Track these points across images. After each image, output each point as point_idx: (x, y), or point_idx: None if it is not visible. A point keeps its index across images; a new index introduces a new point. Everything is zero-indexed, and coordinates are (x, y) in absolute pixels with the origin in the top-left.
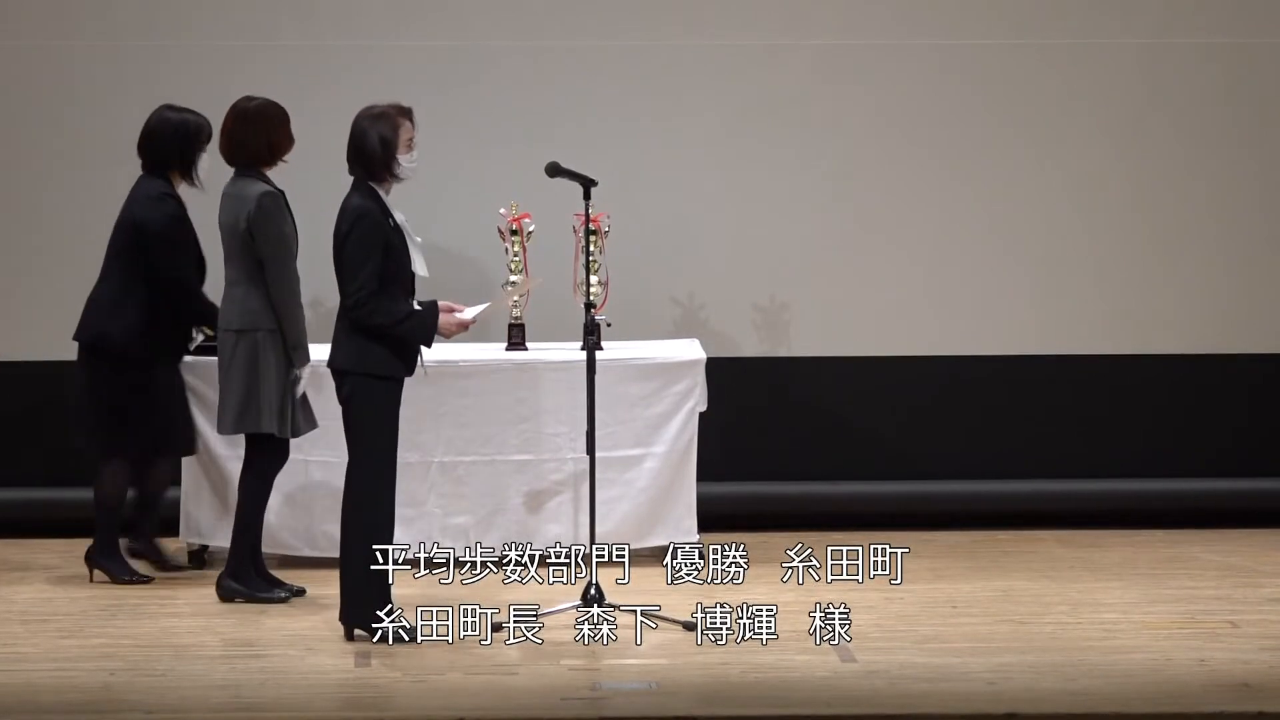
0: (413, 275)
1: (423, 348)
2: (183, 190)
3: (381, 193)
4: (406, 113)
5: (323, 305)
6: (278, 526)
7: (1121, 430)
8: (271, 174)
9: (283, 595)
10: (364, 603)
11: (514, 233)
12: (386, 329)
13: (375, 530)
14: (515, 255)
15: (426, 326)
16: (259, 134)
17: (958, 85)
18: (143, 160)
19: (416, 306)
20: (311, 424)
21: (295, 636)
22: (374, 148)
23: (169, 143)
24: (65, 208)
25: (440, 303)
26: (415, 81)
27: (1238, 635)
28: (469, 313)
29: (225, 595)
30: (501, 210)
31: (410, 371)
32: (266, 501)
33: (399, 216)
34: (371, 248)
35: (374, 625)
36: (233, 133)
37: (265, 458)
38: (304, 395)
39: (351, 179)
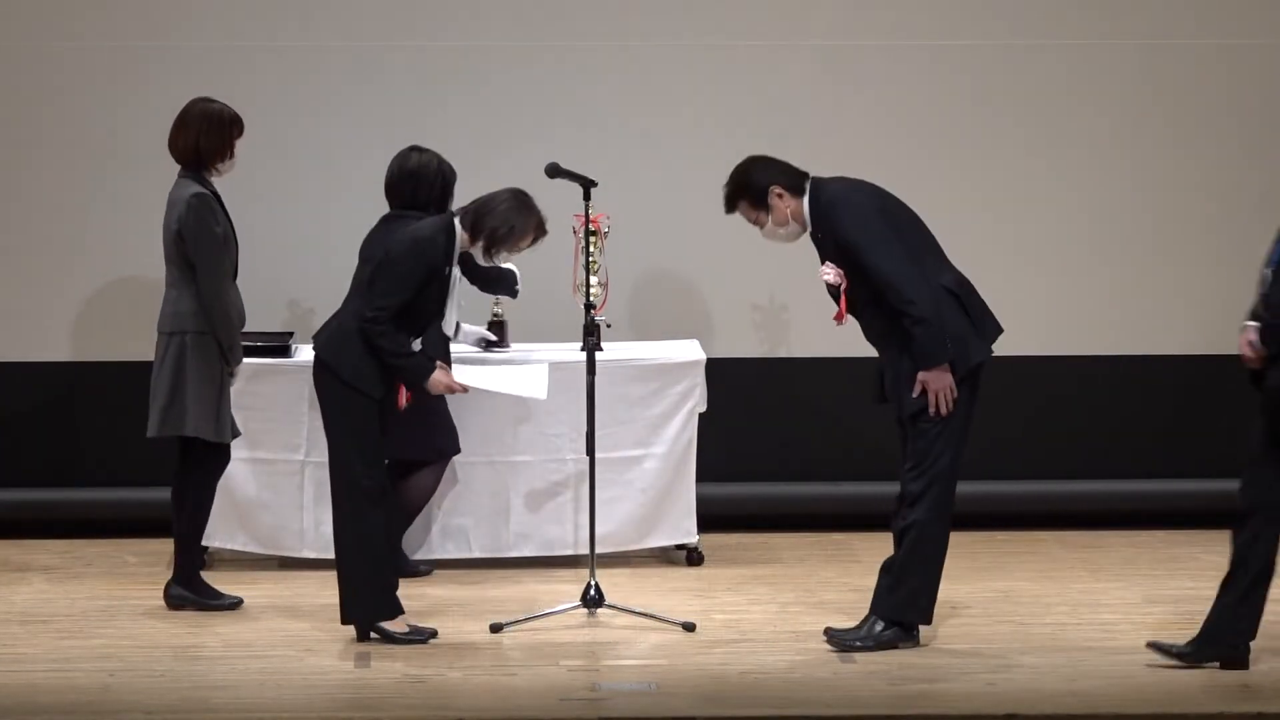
0: (429, 323)
1: (448, 336)
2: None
3: (459, 240)
4: (542, 234)
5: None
6: (274, 528)
7: (1122, 430)
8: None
9: (231, 602)
10: (361, 603)
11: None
12: (385, 356)
13: (354, 530)
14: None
15: (422, 372)
16: (189, 136)
17: (957, 86)
18: (399, 201)
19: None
20: (237, 431)
21: (295, 637)
22: (499, 228)
23: (431, 184)
24: (66, 210)
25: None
26: (414, 82)
27: None
28: (465, 378)
29: (174, 603)
30: None
31: (381, 393)
32: (209, 509)
33: (457, 271)
34: (412, 280)
35: (376, 625)
36: (171, 132)
37: (200, 465)
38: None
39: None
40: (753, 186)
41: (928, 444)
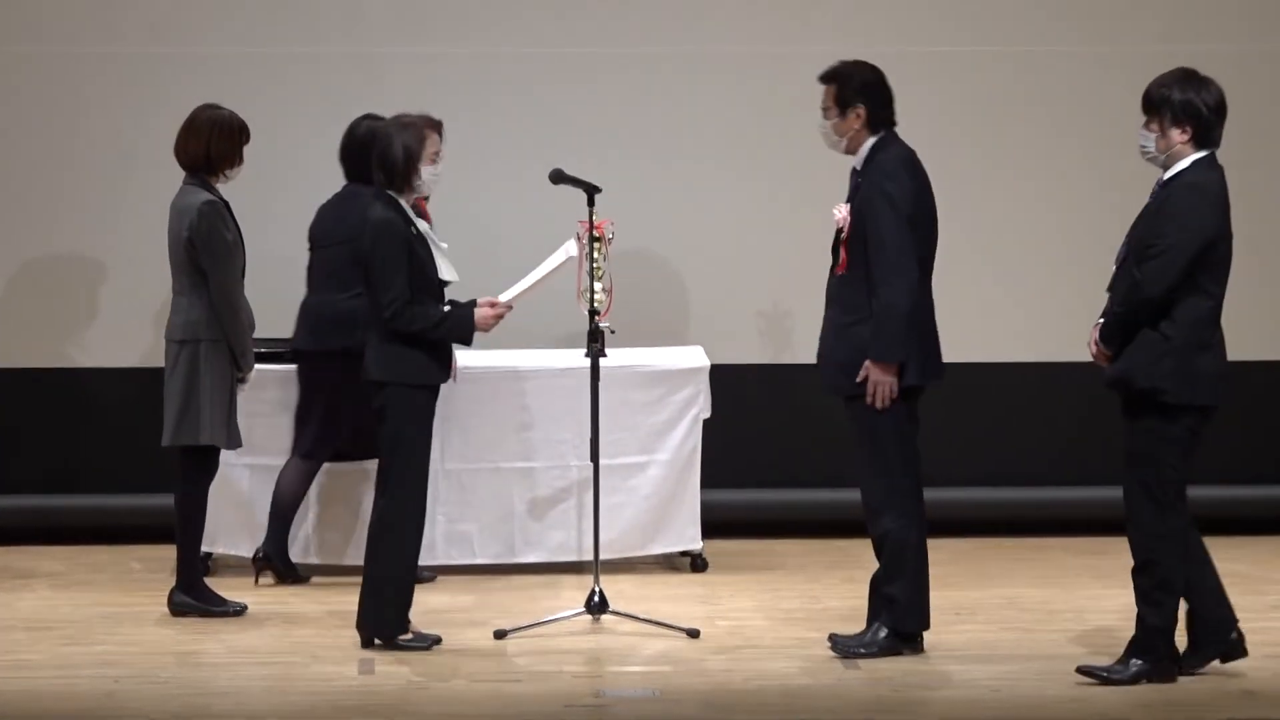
0: (440, 282)
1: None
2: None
3: (403, 202)
4: (436, 125)
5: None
6: None
7: None
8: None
9: (235, 609)
10: (383, 612)
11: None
12: (426, 333)
13: (404, 544)
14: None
15: (465, 322)
16: (199, 142)
17: (959, 93)
18: (354, 171)
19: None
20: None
21: (299, 644)
22: (397, 157)
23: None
24: (64, 215)
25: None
26: (418, 88)
27: None
28: (504, 296)
29: (177, 609)
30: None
31: (447, 377)
32: (205, 514)
33: (421, 225)
34: (399, 259)
35: (389, 634)
36: (178, 139)
37: (203, 471)
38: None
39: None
40: (848, 88)
41: (870, 448)
